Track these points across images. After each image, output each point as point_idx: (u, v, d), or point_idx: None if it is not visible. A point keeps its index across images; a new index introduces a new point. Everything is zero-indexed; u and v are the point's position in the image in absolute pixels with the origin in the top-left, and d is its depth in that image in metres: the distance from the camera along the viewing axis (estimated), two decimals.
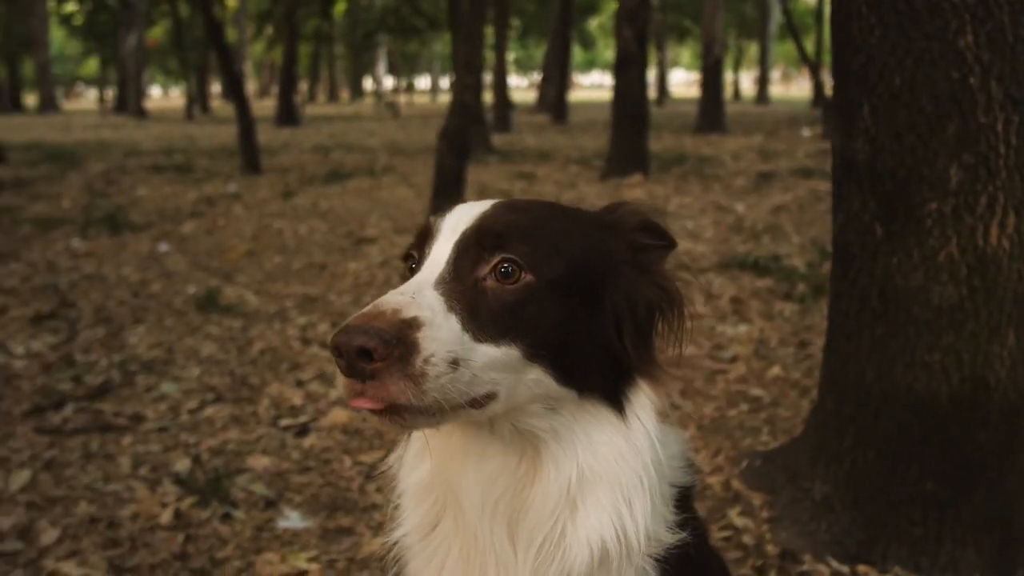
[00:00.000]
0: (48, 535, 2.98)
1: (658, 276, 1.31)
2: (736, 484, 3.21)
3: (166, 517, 3.07)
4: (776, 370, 4.38)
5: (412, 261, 1.30)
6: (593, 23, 50.30)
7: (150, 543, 2.93)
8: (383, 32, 33.42)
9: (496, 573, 1.27)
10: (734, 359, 4.58)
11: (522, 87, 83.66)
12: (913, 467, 2.51)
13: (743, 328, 5.10)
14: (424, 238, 1.29)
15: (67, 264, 7.00)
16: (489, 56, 26.54)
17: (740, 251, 7.14)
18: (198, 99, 37.33)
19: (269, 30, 36.09)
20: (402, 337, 1.07)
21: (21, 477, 3.38)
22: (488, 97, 29.82)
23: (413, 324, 1.09)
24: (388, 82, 58.48)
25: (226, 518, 3.07)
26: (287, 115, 26.13)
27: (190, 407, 4.06)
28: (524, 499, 1.24)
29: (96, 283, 6.35)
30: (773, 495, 3.00)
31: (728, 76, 51.02)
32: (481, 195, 10.59)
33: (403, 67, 56.50)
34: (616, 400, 1.26)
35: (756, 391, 4.13)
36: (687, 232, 8.10)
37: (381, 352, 1.05)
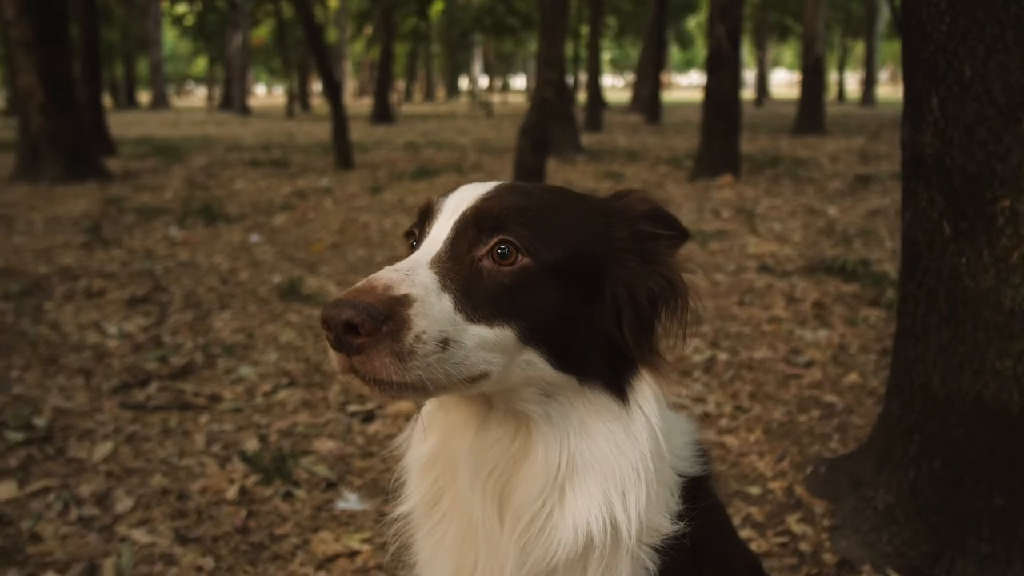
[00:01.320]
0: (123, 503, 3.14)
1: (663, 266, 1.29)
2: (799, 490, 3.12)
3: (232, 493, 3.19)
4: (853, 377, 4.23)
5: (413, 239, 1.31)
6: (691, 22, 49.47)
7: (215, 516, 3.05)
8: (478, 31, 33.75)
9: (486, 550, 1.28)
10: (810, 364, 4.44)
11: (618, 87, 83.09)
12: (981, 480, 2.38)
13: (823, 333, 4.94)
14: (426, 217, 1.30)
15: (164, 252, 7.35)
16: (583, 55, 26.45)
17: (828, 255, 6.92)
18: (299, 97, 38.56)
19: (368, 29, 36.93)
20: (391, 313, 1.07)
21: (104, 448, 3.57)
22: (581, 96, 29.81)
23: (404, 301, 1.09)
24: (484, 81, 58.99)
25: (288, 496, 3.17)
26: (382, 113, 26.71)
27: (265, 390, 4.21)
28: (514, 477, 1.25)
29: (188, 270, 6.65)
30: (836, 503, 2.90)
31: (832, 76, 49.36)
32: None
33: (498, 66, 56.89)
34: (618, 389, 1.24)
35: (830, 397, 4.00)
36: (774, 235, 7.89)
37: (368, 327, 1.06)
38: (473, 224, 1.21)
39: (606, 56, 63.85)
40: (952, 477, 2.43)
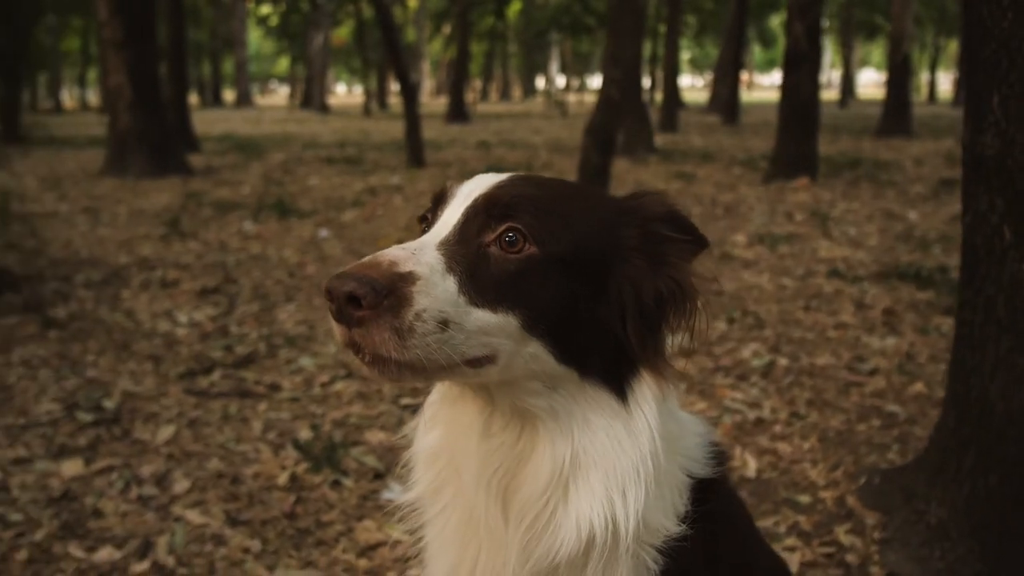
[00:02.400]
0: (180, 485, 3.25)
1: (674, 269, 1.27)
2: (850, 501, 3.03)
3: (283, 479, 3.28)
4: (919, 387, 4.08)
5: (426, 223, 1.32)
6: (774, 20, 48.36)
7: (265, 501, 3.14)
8: (555, 30, 33.74)
9: (488, 545, 1.28)
10: (874, 372, 4.30)
11: (697, 87, 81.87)
12: None
13: (891, 341, 4.78)
14: (439, 202, 1.31)
15: (236, 245, 7.59)
16: (661, 54, 26.15)
17: (904, 261, 6.69)
18: (377, 96, 39.24)
19: (446, 29, 37.33)
20: (393, 289, 1.09)
21: (167, 431, 3.71)
22: (658, 96, 29.50)
23: (408, 278, 1.10)
24: (560, 81, 58.91)
25: (336, 485, 3.23)
26: (457, 112, 26.95)
27: (322, 381, 4.30)
28: (518, 476, 1.25)
29: (258, 263, 6.84)
30: (888, 515, 2.80)
31: (923, 77, 47.55)
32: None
33: (575, 66, 56.73)
34: (618, 387, 1.23)
35: (892, 407, 3.87)
36: (848, 239, 7.67)
37: (370, 300, 1.07)
38: (483, 210, 1.22)
39: (685, 55, 62.98)
40: (1009, 493, 2.32)
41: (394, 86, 45.59)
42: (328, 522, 3.00)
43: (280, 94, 76.31)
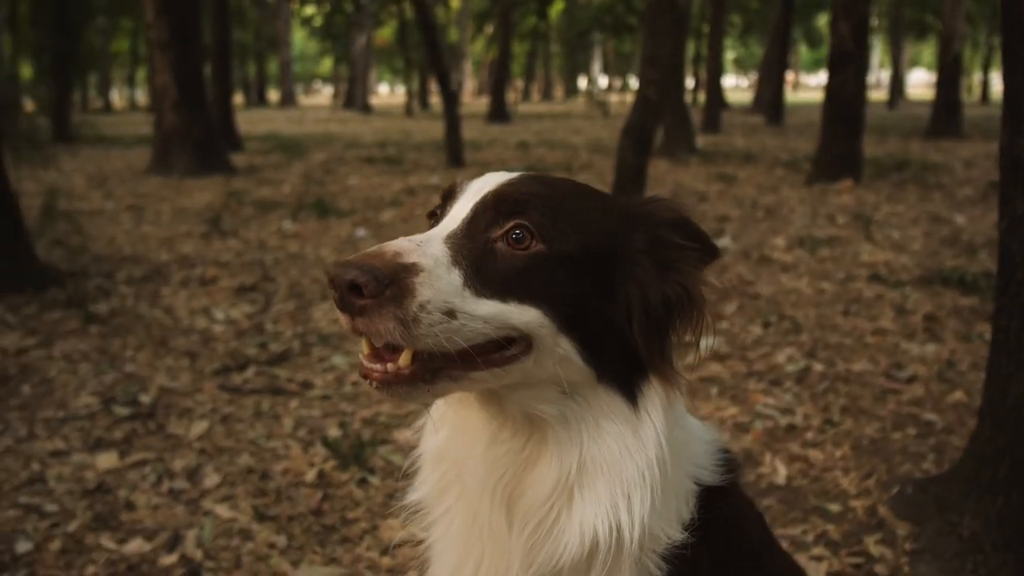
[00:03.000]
0: (211, 479, 3.30)
1: (682, 276, 1.26)
2: (882, 511, 2.96)
3: (311, 476, 3.31)
4: (958, 395, 3.98)
5: (434, 219, 1.33)
6: (821, 19, 47.60)
7: (292, 497, 3.17)
8: (598, 30, 33.62)
9: (491, 548, 1.28)
10: (912, 379, 4.21)
11: (742, 87, 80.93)
12: None
13: (931, 348, 4.67)
14: (448, 197, 1.32)
15: (275, 243, 7.69)
16: (705, 54, 25.91)
17: (948, 266, 6.52)
18: (419, 96, 39.47)
19: (489, 29, 37.42)
20: (396, 279, 1.09)
21: (200, 427, 3.77)
22: (701, 96, 29.22)
23: (411, 269, 1.11)
24: (603, 81, 58.66)
25: (362, 483, 3.26)
26: (498, 112, 26.99)
27: (353, 379, 4.33)
28: (523, 481, 1.25)
29: (296, 261, 6.93)
30: (920, 526, 2.74)
31: (975, 77, 46.37)
32: (674, 196, 10.41)
33: (618, 66, 56.44)
34: (629, 391, 1.23)
35: (929, 415, 3.77)
36: (891, 243, 7.51)
37: (372, 288, 1.07)
38: (492, 206, 1.22)
39: (730, 56, 62.30)
40: None
41: (436, 86, 45.94)
42: (354, 519, 3.02)
43: (324, 94, 77.25)
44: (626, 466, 1.20)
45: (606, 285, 1.23)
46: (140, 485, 3.24)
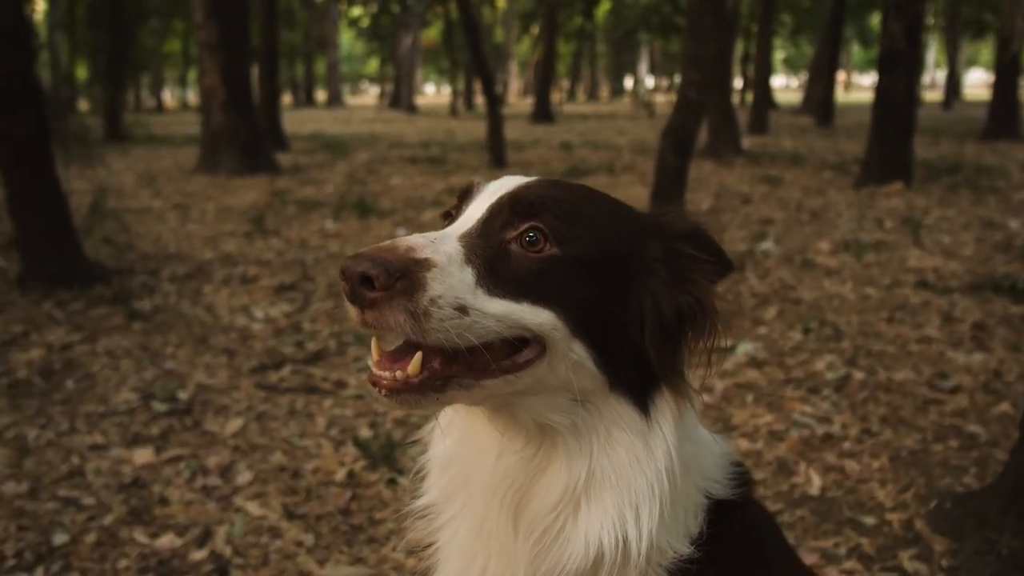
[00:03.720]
0: (243, 476, 3.35)
1: (695, 287, 1.25)
2: (919, 525, 2.88)
3: (341, 475, 3.34)
4: (1004, 407, 3.86)
5: (449, 219, 1.33)
6: (874, 18, 46.63)
7: (322, 496, 3.20)
8: (644, 30, 33.39)
9: (497, 555, 1.28)
10: (956, 390, 4.09)
11: (792, 87, 79.69)
12: None
13: (978, 357, 4.53)
14: (464, 198, 1.32)
15: (316, 243, 7.77)
16: (754, 54, 25.55)
17: (1000, 272, 6.34)
18: (464, 96, 39.63)
19: (535, 29, 37.41)
20: (407, 272, 1.09)
21: (235, 424, 3.83)
22: (749, 97, 28.81)
23: (423, 264, 1.11)
24: (650, 81, 58.26)
25: (391, 483, 3.27)
26: (542, 112, 26.97)
27: None
28: (531, 490, 1.24)
29: (336, 261, 6.99)
30: (957, 542, 2.66)
31: None
32: (717, 198, 10.29)
33: (665, 66, 56.01)
34: (641, 401, 1.22)
35: (973, 427, 3.66)
36: (940, 248, 7.32)
37: (383, 281, 1.07)
38: (508, 208, 1.22)
39: (779, 55, 61.39)
40: None
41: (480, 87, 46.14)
42: (381, 519, 3.03)
43: (371, 94, 78.05)
44: (635, 477, 1.19)
45: (619, 292, 1.23)
46: (174, 481, 3.30)
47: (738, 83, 36.04)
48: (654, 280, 1.24)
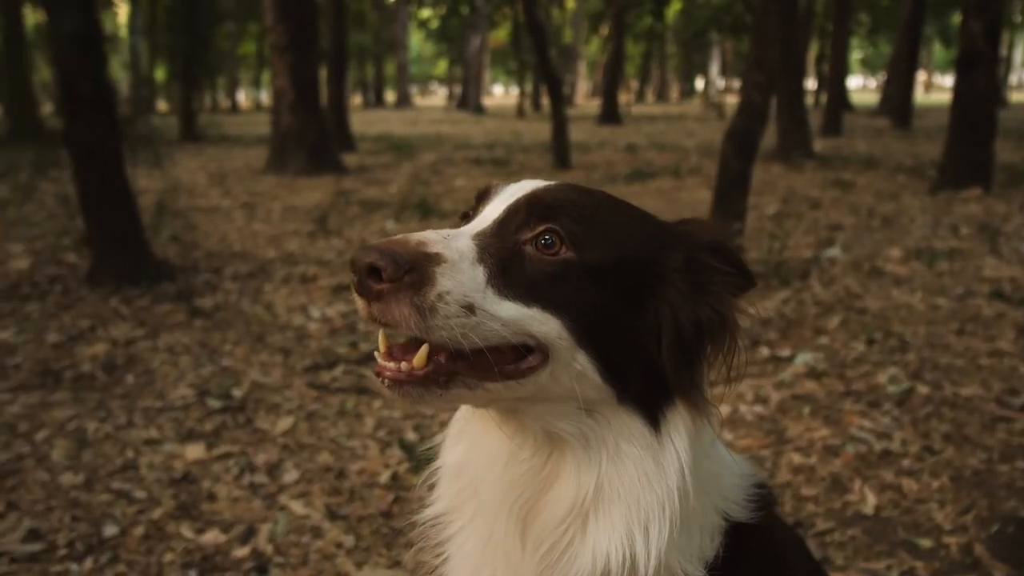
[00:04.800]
0: (290, 475, 3.39)
1: (716, 300, 1.22)
2: (978, 549, 2.75)
3: (385, 477, 3.35)
4: None
5: (467, 219, 1.31)
6: (957, 18, 44.95)
7: (365, 497, 3.21)
8: (714, 30, 32.86)
9: (504, 568, 1.26)
10: None
11: (870, 88, 77.46)
12: None
13: None
14: (482, 198, 1.31)
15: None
16: (828, 54, 24.89)
17: None
18: (532, 98, 39.67)
19: (604, 30, 37.20)
20: (416, 265, 1.07)
21: (285, 423, 3.88)
22: (823, 98, 28.09)
23: (434, 259, 1.09)
24: (721, 82, 57.32)
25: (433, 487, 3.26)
26: (609, 114, 26.80)
27: None
28: (539, 502, 1.22)
29: None
30: (1018, 570, 2.52)
31: None
32: (784, 202, 10.04)
33: (736, 67, 55.04)
34: (652, 415, 1.18)
35: None
36: (1019, 257, 7.00)
37: (390, 273, 1.06)
38: (525, 209, 1.21)
39: (857, 55, 59.73)
40: None
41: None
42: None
43: (439, 95, 78.87)
44: (644, 494, 1.16)
45: (635, 301, 1.20)
46: (223, 477, 3.36)
47: (813, 84, 35.18)
48: (673, 291, 1.21)
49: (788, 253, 6.98)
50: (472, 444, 1.32)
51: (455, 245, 1.13)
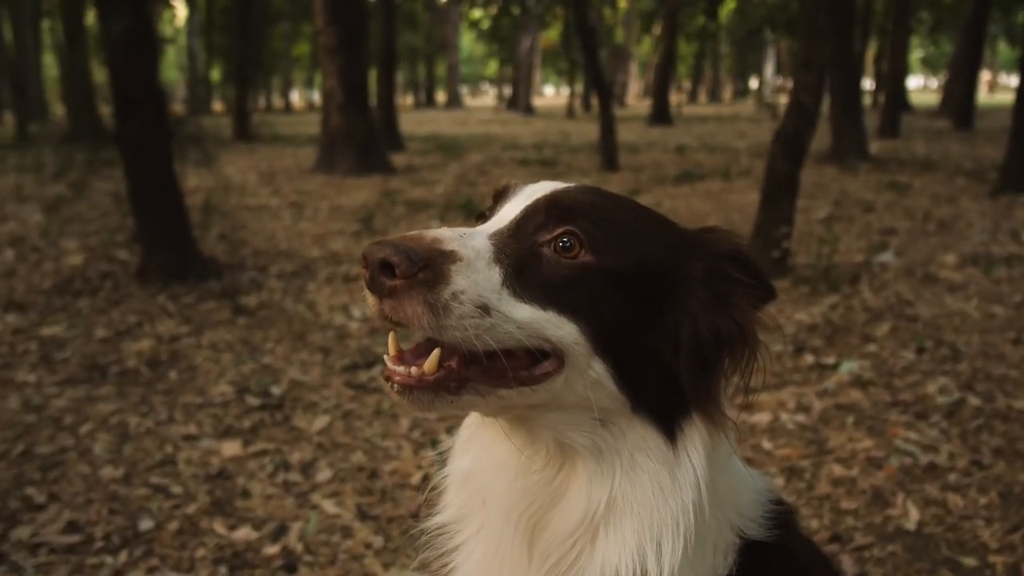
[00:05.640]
0: (323, 474, 3.41)
1: (736, 311, 1.18)
2: None
3: (416, 478, 3.35)
4: None
5: (483, 220, 1.29)
6: (1023, 16, 43.50)
7: (396, 498, 3.22)
8: (769, 29, 32.30)
9: None
10: None
11: (932, 88, 75.47)
12: None
13: None
14: (499, 198, 1.28)
15: None
16: (882, 53, 24.29)
17: None
18: (582, 98, 39.52)
19: (657, 29, 36.88)
20: (431, 263, 1.05)
21: (321, 421, 3.91)
22: (882, 98, 27.40)
23: (449, 256, 1.06)
24: (776, 82, 56.37)
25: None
26: (660, 114, 26.57)
27: None
28: (548, 514, 1.19)
29: None
30: None
31: None
32: (836, 205, 9.82)
33: (792, 67, 54.07)
34: (668, 427, 1.15)
35: None
36: None
37: (404, 269, 1.03)
38: (544, 210, 1.18)
39: (918, 54, 58.23)
40: None
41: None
42: None
43: (490, 96, 79.15)
44: (658, 508, 1.12)
45: (653, 309, 1.16)
46: (258, 474, 3.39)
47: (871, 84, 34.38)
48: (693, 300, 1.17)
49: (838, 258, 6.82)
50: (481, 452, 1.30)
51: (471, 244, 1.11)
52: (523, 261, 1.13)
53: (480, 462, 1.29)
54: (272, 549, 2.88)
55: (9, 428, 3.79)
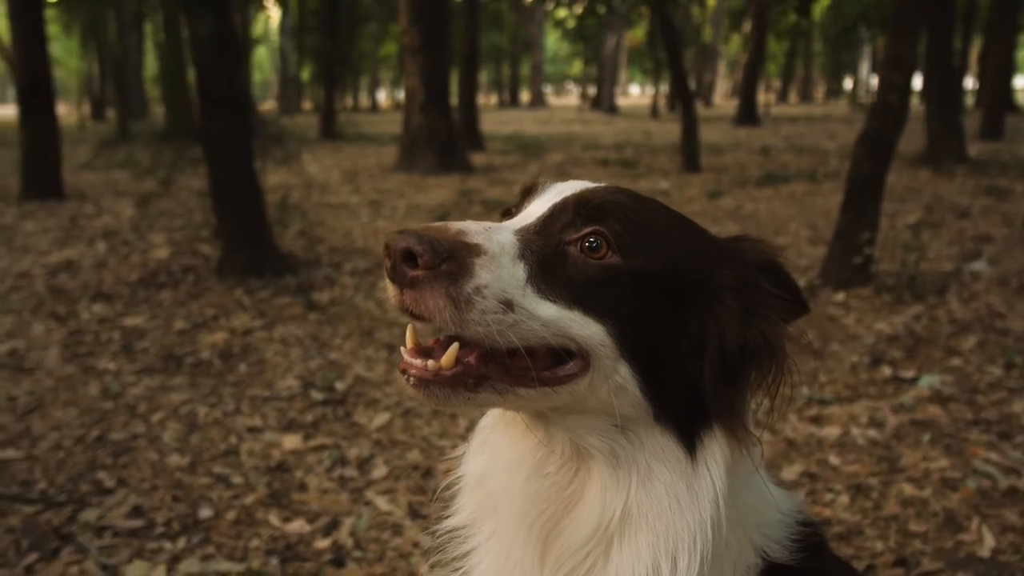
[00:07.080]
0: (379, 471, 3.44)
1: (765, 323, 1.14)
2: None
3: None
4: None
5: (509, 216, 1.26)
6: None
7: (445, 498, 3.21)
8: (863, 26, 31.23)
9: None
10: None
11: None
12: None
13: None
14: (527, 194, 1.27)
15: None
16: (987, 51, 23.13)
17: None
18: (668, 98, 39.01)
19: (746, 27, 36.09)
20: (455, 254, 1.03)
21: (381, 418, 3.95)
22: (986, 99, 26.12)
23: (473, 249, 1.04)
24: (872, 81, 54.42)
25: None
26: (747, 114, 25.98)
27: None
28: (562, 521, 1.16)
29: None
30: None
31: None
32: (928, 210, 9.39)
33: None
34: (688, 438, 1.11)
35: None
36: None
37: (427, 259, 1.01)
38: (572, 209, 1.16)
39: None
40: None
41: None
42: None
43: (575, 95, 78.97)
44: (675, 522, 1.09)
45: (679, 316, 1.13)
46: (315, 468, 3.45)
47: (974, 83, 32.81)
48: (721, 309, 1.14)
49: (925, 265, 6.51)
50: (495, 454, 1.28)
51: (496, 238, 1.09)
52: (549, 259, 1.11)
53: (494, 464, 1.27)
54: (323, 543, 2.92)
55: (87, 414, 3.97)
